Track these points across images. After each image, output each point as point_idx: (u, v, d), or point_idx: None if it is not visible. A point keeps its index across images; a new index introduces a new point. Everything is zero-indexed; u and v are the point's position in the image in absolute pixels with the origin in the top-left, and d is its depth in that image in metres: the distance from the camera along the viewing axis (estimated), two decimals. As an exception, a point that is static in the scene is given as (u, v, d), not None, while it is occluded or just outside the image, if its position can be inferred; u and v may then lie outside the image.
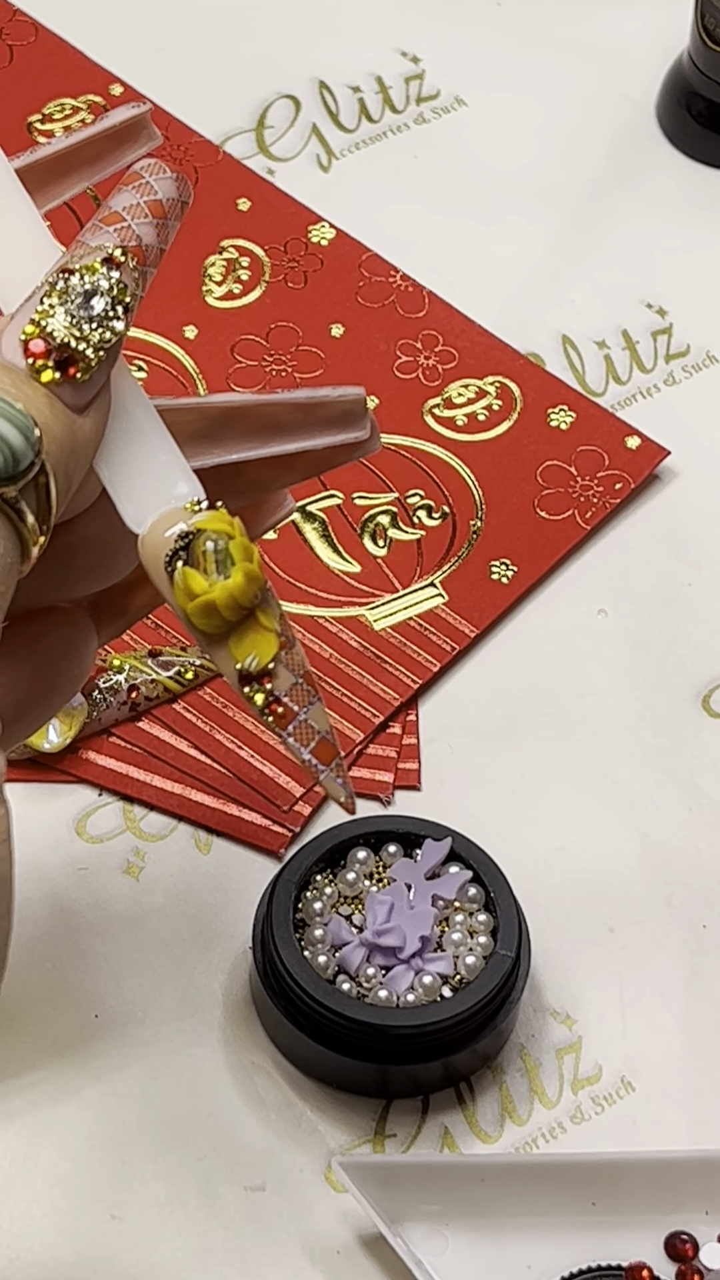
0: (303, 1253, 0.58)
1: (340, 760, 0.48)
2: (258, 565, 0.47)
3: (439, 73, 0.88)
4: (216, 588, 0.46)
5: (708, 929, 0.65)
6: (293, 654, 0.47)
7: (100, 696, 0.67)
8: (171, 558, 0.46)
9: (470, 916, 0.61)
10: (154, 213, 0.48)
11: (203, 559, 0.46)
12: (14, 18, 0.87)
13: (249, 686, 0.47)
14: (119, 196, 0.48)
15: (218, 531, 0.46)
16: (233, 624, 0.46)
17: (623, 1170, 0.58)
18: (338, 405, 0.52)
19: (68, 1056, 0.61)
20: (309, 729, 0.48)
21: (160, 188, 0.49)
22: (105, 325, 0.46)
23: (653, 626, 0.72)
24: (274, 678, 0.47)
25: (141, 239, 0.48)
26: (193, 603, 0.46)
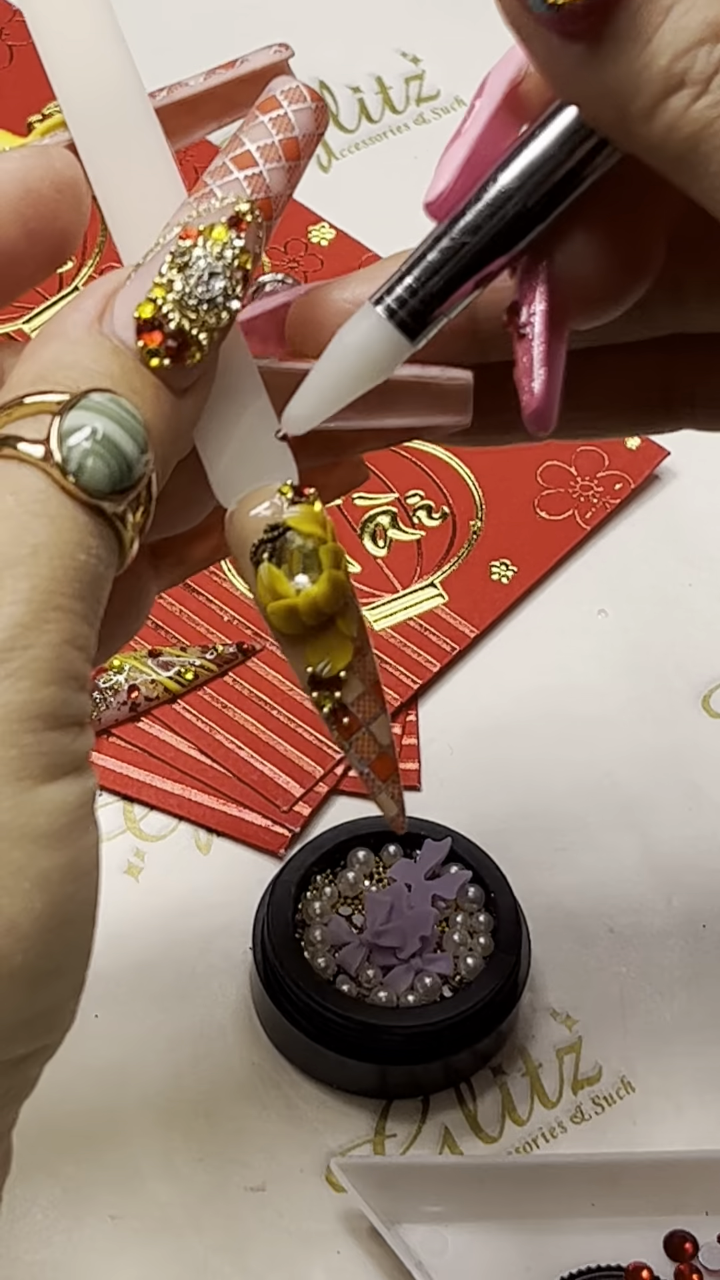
0: (303, 1253, 0.58)
1: (397, 776, 0.47)
2: (344, 571, 0.45)
3: (439, 73, 0.88)
4: (301, 595, 0.45)
5: (707, 929, 0.65)
6: (365, 662, 0.46)
7: (100, 696, 0.67)
8: (258, 548, 0.45)
9: (470, 916, 0.61)
10: (288, 154, 0.45)
11: (291, 559, 0.45)
12: (14, 18, 0.87)
13: (318, 692, 0.46)
14: (253, 130, 0.46)
15: (308, 533, 0.45)
16: (309, 628, 0.45)
17: (623, 1170, 0.58)
18: (443, 386, 0.50)
19: (68, 1057, 0.61)
20: (372, 741, 0.47)
21: (298, 121, 0.46)
22: (223, 308, 0.44)
23: (653, 626, 0.72)
24: (345, 686, 0.46)
25: (271, 188, 0.45)
26: (275, 603, 0.45)
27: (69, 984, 0.41)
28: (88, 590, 0.41)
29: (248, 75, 0.48)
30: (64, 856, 0.40)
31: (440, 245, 0.45)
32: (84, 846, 0.41)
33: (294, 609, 0.45)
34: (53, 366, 0.42)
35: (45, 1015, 0.41)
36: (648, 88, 0.41)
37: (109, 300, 0.44)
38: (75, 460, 0.41)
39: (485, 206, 0.44)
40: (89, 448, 0.41)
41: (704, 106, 0.40)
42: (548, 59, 0.43)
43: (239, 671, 0.69)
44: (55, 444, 0.41)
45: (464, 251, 0.44)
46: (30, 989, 0.40)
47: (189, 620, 0.70)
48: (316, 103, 0.46)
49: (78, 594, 0.41)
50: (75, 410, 0.41)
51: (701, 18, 0.40)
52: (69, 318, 0.44)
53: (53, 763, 0.40)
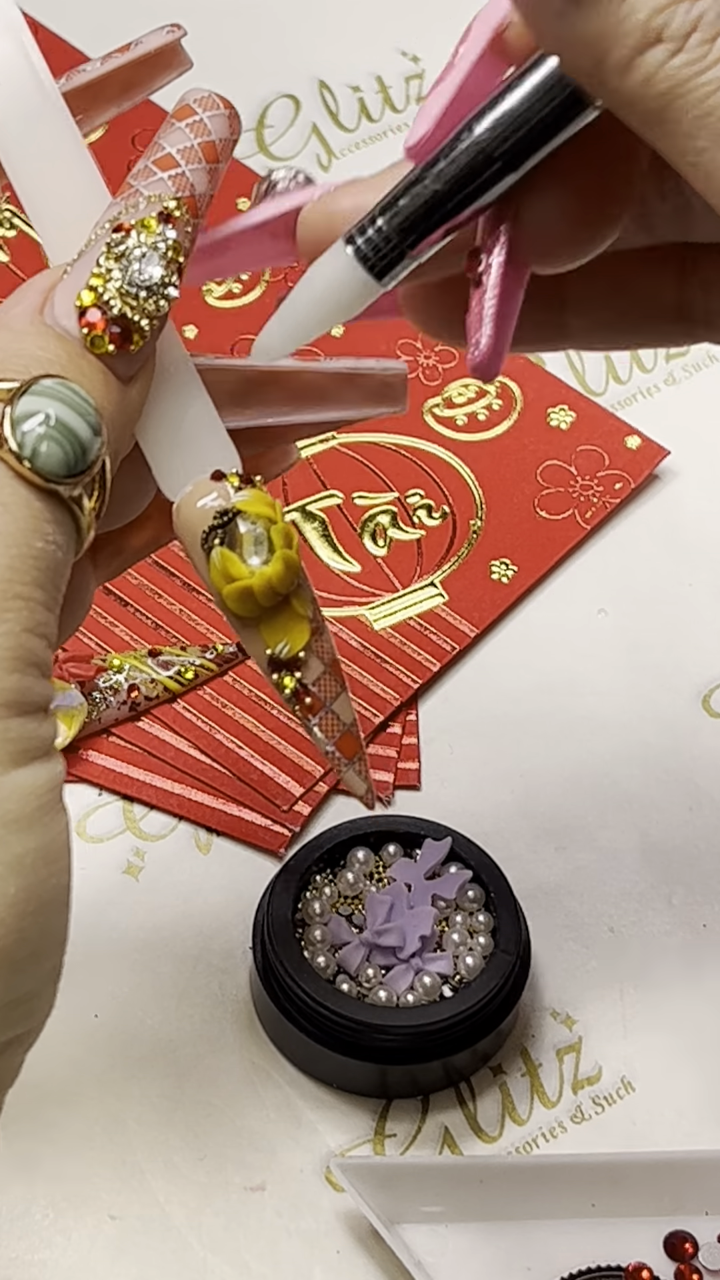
0: (303, 1253, 0.58)
1: (363, 754, 0.48)
2: (296, 551, 0.46)
3: (439, 72, 0.88)
4: (256, 575, 0.45)
5: (708, 929, 0.65)
6: (322, 642, 0.47)
7: (100, 696, 0.67)
8: (209, 535, 0.45)
9: (470, 916, 0.61)
10: (207, 157, 0.47)
11: (242, 542, 0.45)
12: (14, 18, 0.87)
13: (279, 673, 0.46)
14: (172, 134, 0.47)
15: (259, 515, 0.46)
16: (266, 609, 0.46)
17: (623, 1170, 0.58)
18: (378, 378, 0.51)
19: (68, 1056, 0.61)
20: (335, 720, 0.47)
21: (214, 126, 0.47)
22: (160, 294, 0.45)
23: (653, 626, 0.72)
24: (304, 666, 0.46)
25: (195, 187, 0.46)
26: (229, 586, 0.45)
27: (46, 969, 0.41)
28: (46, 577, 0.42)
29: (143, 57, 0.50)
30: (36, 841, 0.40)
31: (413, 191, 0.45)
32: (55, 830, 0.41)
33: (249, 590, 0.45)
34: (0, 356, 0.43)
35: (24, 1001, 0.41)
36: (625, 40, 0.41)
37: (48, 293, 0.44)
38: (30, 445, 0.41)
39: (459, 154, 0.44)
40: (43, 432, 0.41)
41: (680, 64, 0.40)
42: (531, 6, 0.43)
43: (239, 671, 0.69)
44: (9, 430, 0.41)
45: (435, 199, 0.44)
46: (7, 974, 0.40)
47: (189, 620, 0.70)
48: (229, 110, 0.48)
49: (36, 581, 0.41)
50: (26, 396, 0.42)
51: None
52: (10, 311, 0.44)
53: (20, 749, 0.40)
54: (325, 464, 0.75)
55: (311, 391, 0.50)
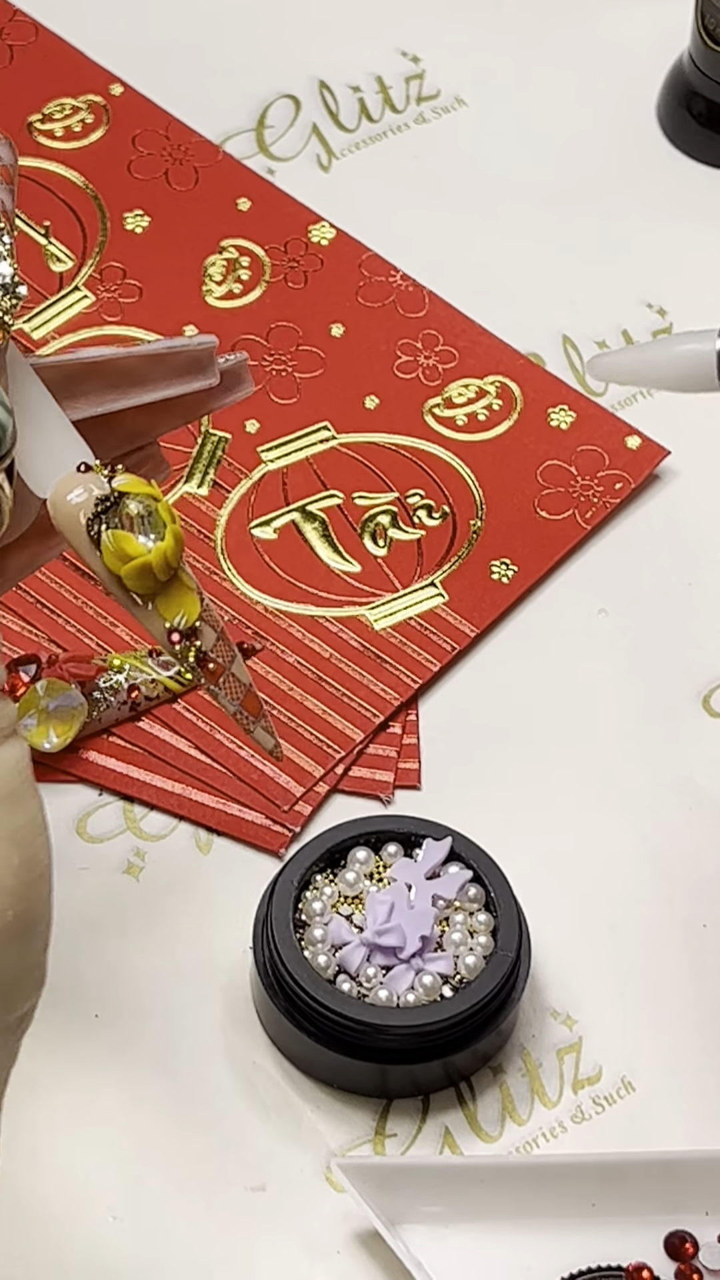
0: (303, 1253, 0.58)
1: (265, 712, 0.50)
2: (179, 525, 0.48)
3: (439, 73, 0.88)
4: (153, 551, 0.48)
5: (708, 929, 0.65)
6: (209, 611, 0.49)
7: (100, 696, 0.67)
8: (93, 521, 0.48)
9: (470, 916, 0.61)
10: (4, 179, 0.50)
11: (133, 522, 0.48)
12: (14, 18, 0.87)
13: (181, 644, 0.49)
14: None
15: (143, 494, 0.48)
16: (160, 584, 0.48)
17: (623, 1170, 0.58)
18: (185, 354, 0.54)
19: (67, 1057, 0.61)
20: (237, 682, 0.50)
21: (2, 154, 0.51)
22: (12, 291, 0.48)
23: (653, 626, 0.72)
24: (200, 635, 0.49)
25: (4, 204, 0.50)
26: (127, 565, 0.48)
27: (43, 938, 0.43)
28: None
29: None
30: (26, 813, 0.43)
31: None
32: (38, 803, 0.43)
33: (147, 566, 0.48)
34: None
35: (33, 970, 0.43)
36: None
37: None
38: None
39: None
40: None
41: None
42: None
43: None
44: None
45: None
46: (21, 942, 0.42)
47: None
48: (8, 138, 0.52)
49: None
50: None
51: None
52: None
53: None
54: (325, 464, 0.75)
55: (127, 376, 0.53)
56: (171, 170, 0.83)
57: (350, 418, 0.76)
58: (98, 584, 0.51)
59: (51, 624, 0.69)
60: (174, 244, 0.81)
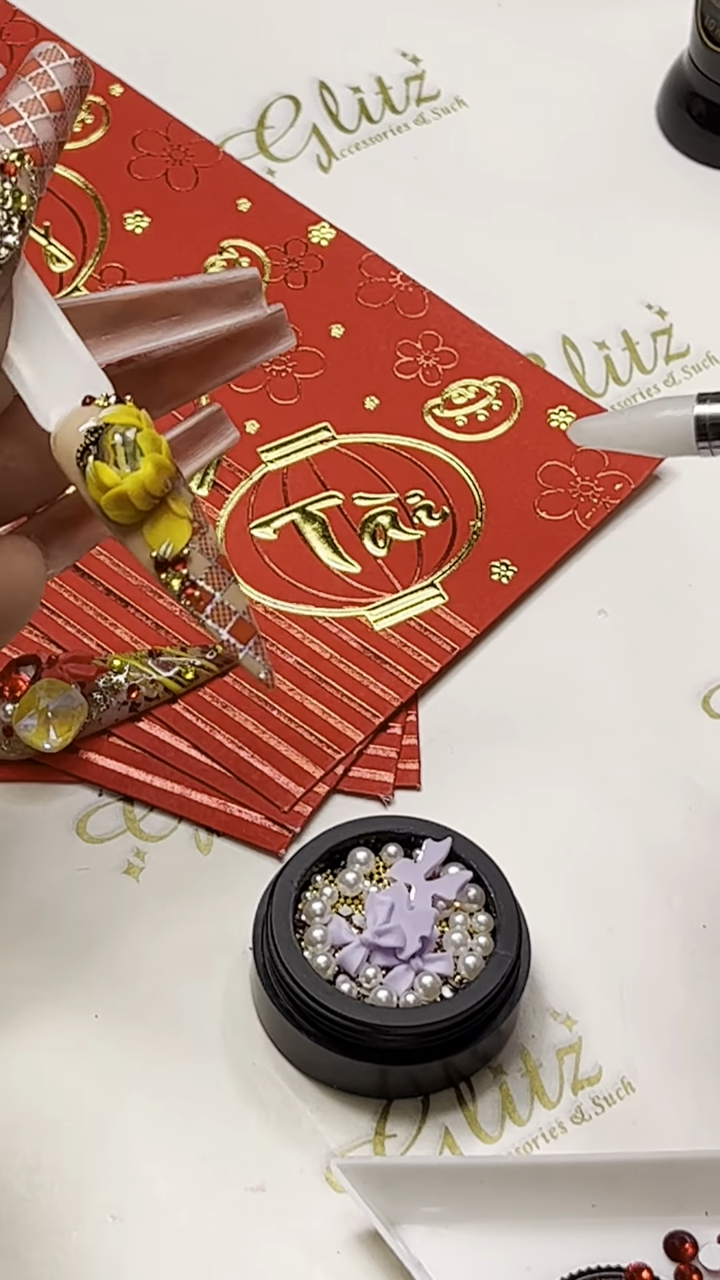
0: (303, 1253, 0.58)
1: (258, 638, 0.50)
2: (166, 455, 0.48)
3: (439, 73, 0.88)
4: (127, 479, 0.48)
5: (708, 929, 0.65)
6: (206, 539, 0.49)
7: (100, 696, 0.67)
8: (83, 453, 0.48)
9: (470, 916, 0.61)
10: (51, 106, 0.48)
11: (112, 452, 0.48)
12: (14, 18, 0.87)
13: (165, 573, 0.49)
14: (15, 90, 0.48)
15: (124, 424, 0.48)
16: (146, 513, 0.48)
17: (623, 1170, 0.58)
18: (232, 288, 0.54)
19: (68, 1056, 0.61)
20: (226, 610, 0.50)
21: (58, 76, 0.49)
22: (1, 241, 0.47)
23: (653, 626, 0.72)
24: (189, 563, 0.49)
25: (39, 138, 0.48)
26: (105, 495, 0.48)
27: None
28: None
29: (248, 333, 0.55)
30: None
31: None
32: None
33: (124, 495, 0.48)
34: None
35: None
36: None
37: None
38: None
39: None
40: None
41: None
42: None
43: (239, 671, 0.69)
44: None
45: None
46: None
47: (189, 620, 0.70)
48: (75, 57, 0.49)
49: None
50: None
51: None
52: None
53: None
54: (325, 464, 0.75)
55: (172, 313, 0.53)
56: (171, 171, 0.83)
57: (350, 418, 0.76)
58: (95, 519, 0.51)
59: (51, 624, 0.69)
60: (174, 244, 0.81)
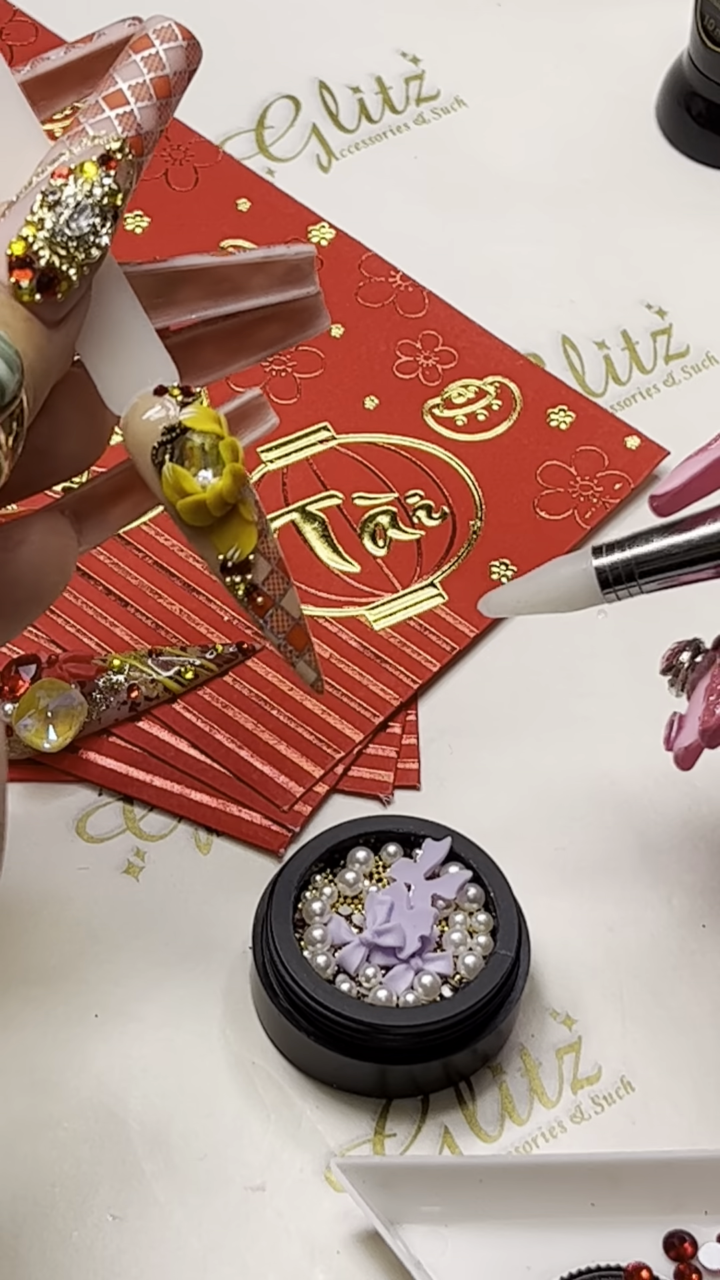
0: (303, 1253, 0.58)
1: (311, 647, 0.51)
2: (242, 462, 0.49)
3: (439, 73, 0.88)
4: (209, 489, 0.48)
5: (707, 929, 0.65)
6: (268, 543, 0.50)
7: (100, 696, 0.67)
8: (158, 450, 0.48)
9: (470, 916, 0.61)
10: (159, 92, 0.48)
11: (192, 456, 0.48)
12: (14, 18, 0.87)
13: (231, 577, 0.50)
14: (126, 68, 0.48)
15: (206, 430, 0.48)
16: (216, 519, 0.49)
17: (622, 1170, 0.58)
18: (285, 262, 0.54)
19: (68, 1056, 0.61)
20: (285, 616, 0.51)
21: (169, 60, 0.48)
22: (92, 244, 0.46)
23: (652, 626, 0.72)
24: (253, 567, 0.50)
25: (142, 126, 0.47)
26: (183, 501, 0.48)
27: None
28: None
29: (104, 48, 0.52)
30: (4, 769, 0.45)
31: (663, 546, 0.55)
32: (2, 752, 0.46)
33: (202, 504, 0.48)
34: None
35: None
36: None
37: None
38: None
39: (712, 538, 0.55)
40: None
41: None
42: None
43: (239, 671, 0.69)
44: None
45: (679, 562, 0.55)
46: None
47: (189, 620, 0.70)
48: (188, 40, 0.49)
49: None
50: None
51: None
52: None
53: None
54: (325, 464, 0.75)
55: (225, 283, 0.53)
56: (171, 170, 0.83)
57: (350, 418, 0.76)
58: None
59: (51, 624, 0.69)
60: (174, 244, 0.81)
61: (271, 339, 0.55)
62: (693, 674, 0.58)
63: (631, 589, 0.57)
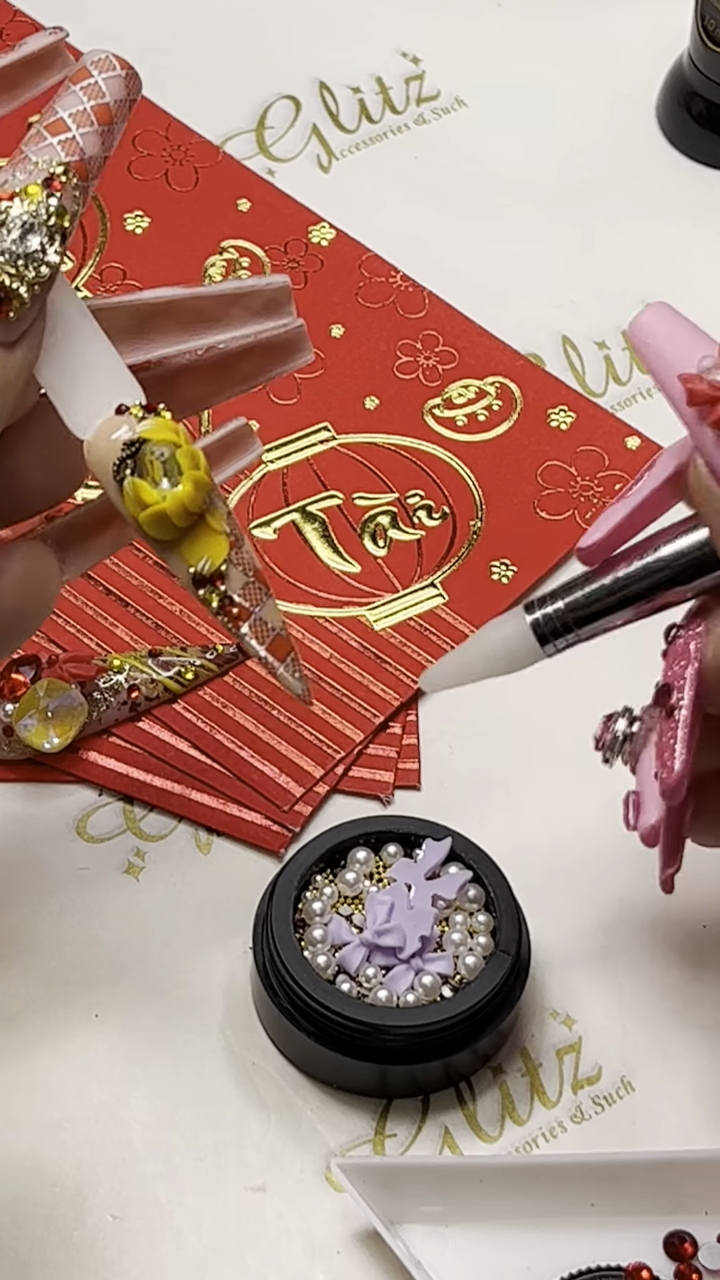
0: (303, 1253, 0.58)
1: (295, 654, 0.50)
2: (205, 471, 0.48)
3: (439, 73, 0.88)
4: (168, 498, 0.47)
5: (707, 929, 0.65)
6: (243, 553, 0.49)
7: (100, 696, 0.67)
8: (119, 466, 0.47)
9: (470, 916, 0.61)
10: (100, 119, 0.48)
11: (151, 468, 0.47)
12: (14, 18, 0.87)
13: (204, 589, 0.49)
14: (66, 98, 0.48)
15: (164, 440, 0.47)
16: (183, 530, 0.48)
17: (622, 1170, 0.58)
18: (262, 294, 0.53)
19: (68, 1056, 0.61)
20: (264, 625, 0.49)
21: (109, 89, 0.49)
22: (41, 262, 0.47)
23: (652, 626, 0.72)
24: (226, 578, 0.49)
25: (85, 151, 0.48)
26: (144, 513, 0.47)
27: None
28: None
29: (28, 57, 0.51)
30: None
31: (591, 590, 0.55)
32: None
33: (163, 514, 0.47)
34: None
35: None
36: None
37: None
38: None
39: (633, 577, 0.54)
40: None
41: None
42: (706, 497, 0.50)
43: (239, 672, 0.69)
44: None
45: (609, 604, 0.55)
46: None
47: (189, 620, 0.70)
48: (126, 70, 0.49)
49: None
50: None
51: None
52: None
53: None
54: (325, 464, 0.75)
55: (201, 316, 0.53)
56: (171, 171, 0.83)
57: (350, 418, 0.76)
58: None
59: (51, 624, 0.69)
60: (174, 245, 0.81)
61: (254, 371, 0.55)
62: (632, 744, 0.57)
63: (570, 639, 0.56)
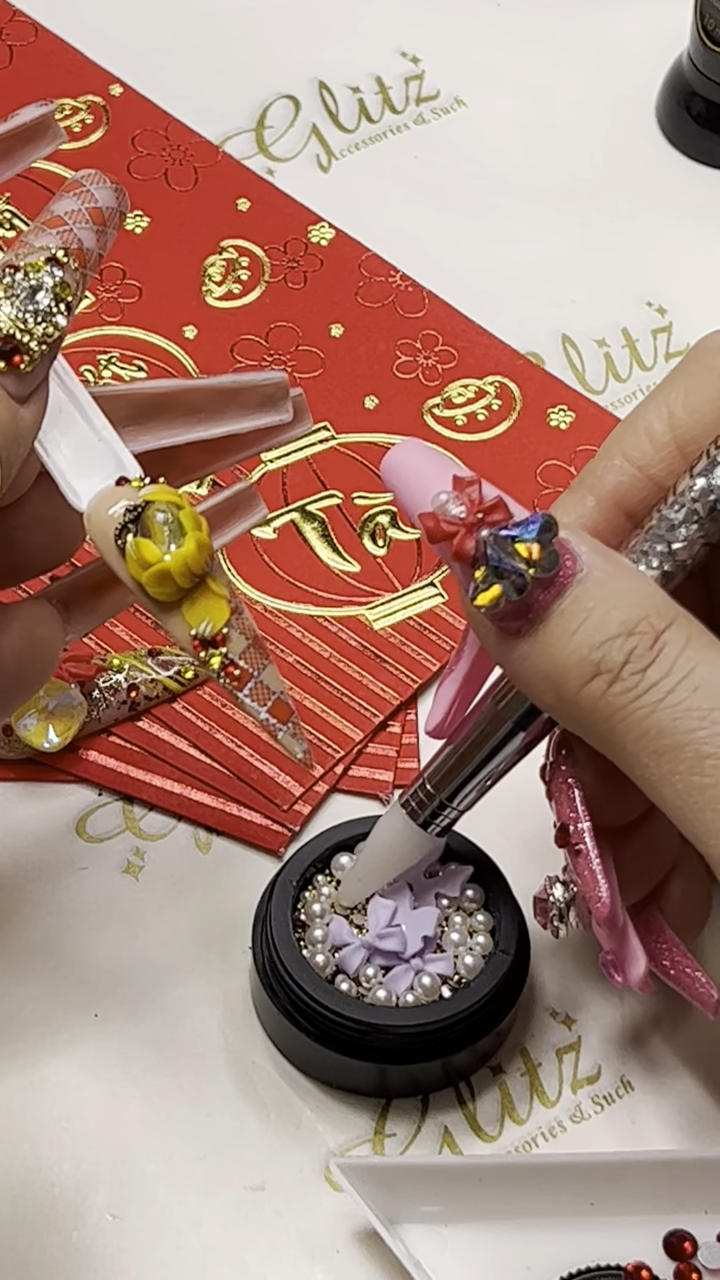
0: (303, 1253, 0.58)
1: (295, 718, 0.51)
2: (207, 534, 0.48)
3: (439, 73, 0.88)
4: (173, 556, 0.48)
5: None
6: (242, 619, 0.49)
7: (100, 696, 0.67)
8: (121, 531, 0.48)
9: (470, 916, 0.61)
10: (94, 219, 0.50)
11: (155, 530, 0.48)
12: (14, 18, 0.87)
13: (205, 651, 0.49)
14: (61, 202, 0.50)
15: (167, 503, 0.48)
16: (186, 591, 0.49)
17: (622, 1170, 0.58)
18: (260, 390, 0.55)
19: (68, 1056, 0.61)
20: (265, 689, 0.50)
21: (100, 196, 0.51)
22: (49, 320, 0.48)
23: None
24: (228, 641, 0.49)
25: (82, 242, 0.49)
26: (147, 572, 0.48)
27: None
28: None
29: (19, 128, 0.53)
30: None
31: (445, 764, 0.56)
32: None
33: (166, 572, 0.48)
34: None
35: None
36: (573, 673, 0.48)
37: None
38: None
39: (470, 744, 0.56)
40: None
41: (617, 692, 0.48)
42: (495, 648, 0.51)
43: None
44: None
45: (463, 774, 0.56)
46: None
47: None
48: (117, 184, 0.51)
49: None
50: None
51: (619, 617, 0.48)
52: None
53: None
54: (325, 464, 0.75)
55: (198, 410, 0.54)
56: (171, 170, 0.83)
57: (350, 418, 0.76)
58: None
59: (51, 624, 0.69)
60: (174, 244, 0.81)
61: (253, 442, 0.56)
62: (576, 906, 0.57)
63: (450, 814, 0.57)
